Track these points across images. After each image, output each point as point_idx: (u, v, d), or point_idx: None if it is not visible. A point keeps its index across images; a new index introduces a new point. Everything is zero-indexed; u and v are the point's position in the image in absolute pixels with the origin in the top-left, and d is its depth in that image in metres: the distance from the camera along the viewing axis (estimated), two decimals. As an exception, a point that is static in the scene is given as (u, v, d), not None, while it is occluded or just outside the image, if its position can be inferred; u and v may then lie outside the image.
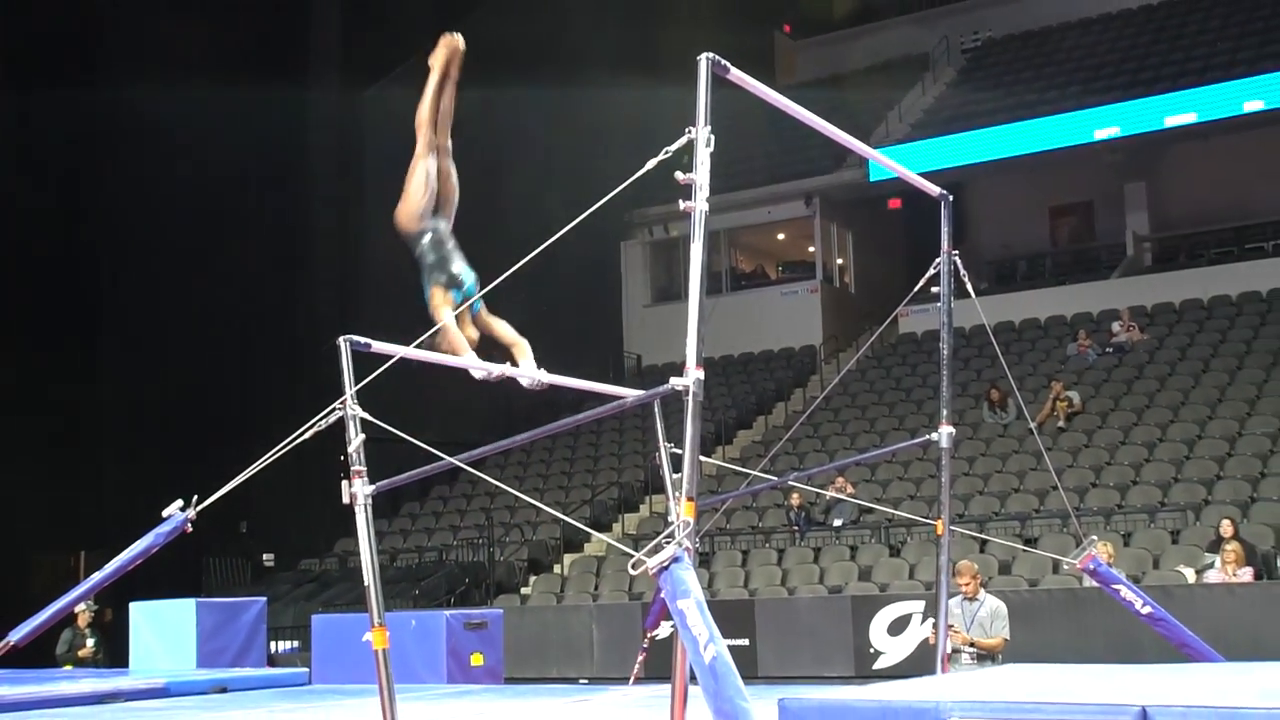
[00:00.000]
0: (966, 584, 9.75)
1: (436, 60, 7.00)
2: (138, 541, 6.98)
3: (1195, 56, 25.65)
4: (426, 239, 6.90)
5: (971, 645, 9.41)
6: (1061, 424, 19.36)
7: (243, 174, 22.76)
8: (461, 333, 6.66)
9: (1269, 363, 19.82)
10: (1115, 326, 22.29)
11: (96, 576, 7.13)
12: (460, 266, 6.86)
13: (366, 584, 6.11)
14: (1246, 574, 13.41)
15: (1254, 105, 23.02)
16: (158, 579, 11.01)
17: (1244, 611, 12.53)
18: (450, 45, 6.68)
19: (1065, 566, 8.45)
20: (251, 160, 22.70)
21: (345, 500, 6.19)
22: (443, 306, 6.66)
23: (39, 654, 12.95)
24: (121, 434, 21.80)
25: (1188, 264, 24.73)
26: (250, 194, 23.11)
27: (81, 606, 13.13)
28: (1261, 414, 18.11)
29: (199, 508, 6.89)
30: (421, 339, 6.58)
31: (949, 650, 9.26)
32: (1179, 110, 23.57)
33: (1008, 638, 9.45)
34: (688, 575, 4.39)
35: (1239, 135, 24.16)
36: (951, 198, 7.54)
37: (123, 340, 21.95)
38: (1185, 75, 24.55)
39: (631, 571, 4.50)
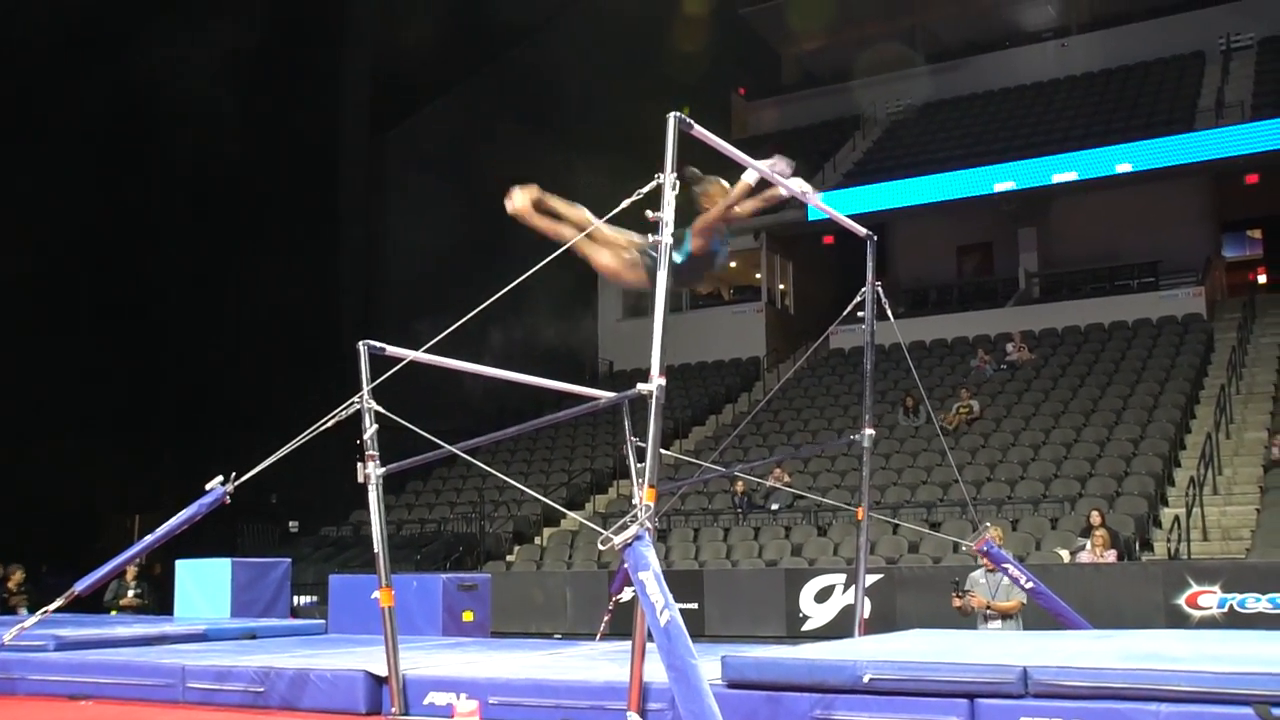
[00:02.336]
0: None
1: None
2: (184, 510, 6.94)
3: (1077, 125, 25.83)
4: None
5: (989, 608, 9.19)
6: (961, 428, 19.42)
7: (284, 192, 22.63)
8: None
9: (1133, 380, 19.93)
10: (1009, 347, 22.39)
11: (149, 538, 7.09)
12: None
13: (376, 551, 6.09)
14: (1111, 555, 13.48)
15: (1124, 167, 23.20)
16: (201, 540, 10.95)
17: (1108, 587, 12.60)
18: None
19: (963, 547, 8.46)
20: (290, 181, 22.59)
21: (360, 479, 6.18)
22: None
23: (96, 602, 12.86)
24: (176, 416, 21.72)
25: (1069, 296, 24.84)
26: (290, 211, 22.97)
27: (132, 562, 13.01)
28: (1126, 423, 18.21)
29: (237, 483, 6.86)
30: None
31: (971, 611, 9.26)
32: (1063, 169, 23.72)
33: (1024, 601, 9.08)
34: (647, 551, 4.38)
35: (1111, 191, 24.38)
36: (876, 237, 7.56)
37: (181, 339, 21.85)
38: (1069, 140, 24.73)
39: (600, 546, 4.48)
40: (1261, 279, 26.79)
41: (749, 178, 5.74)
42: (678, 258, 5.73)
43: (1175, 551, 14.38)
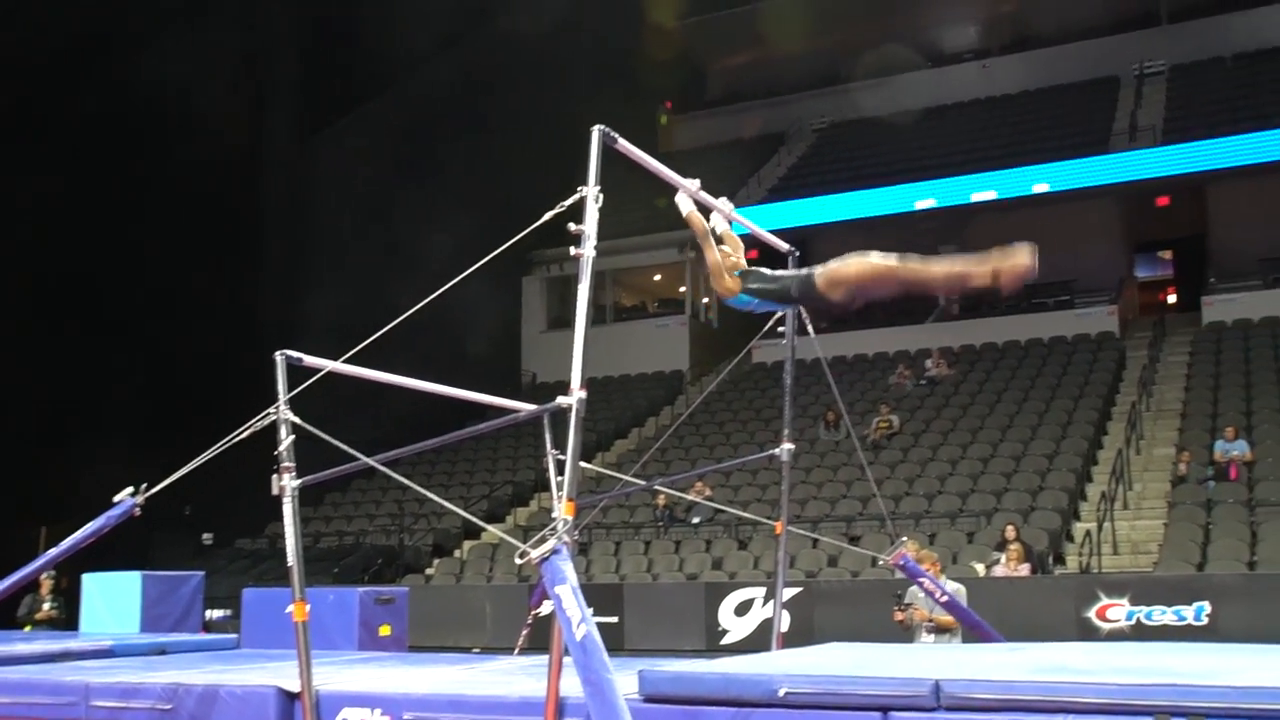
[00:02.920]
0: (927, 570, 9.55)
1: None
2: (91, 522, 6.77)
3: (996, 145, 26.33)
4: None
5: (930, 621, 9.21)
6: (881, 442, 19.66)
7: (205, 199, 22.19)
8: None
9: (1049, 397, 20.34)
10: (928, 363, 22.73)
11: (53, 551, 6.91)
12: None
13: (290, 564, 5.99)
14: (1025, 569, 13.73)
15: (1041, 187, 23.72)
16: (112, 552, 10.67)
17: (1022, 599, 12.84)
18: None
19: (881, 561, 8.54)
20: (211, 186, 22.17)
21: (275, 492, 6.08)
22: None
23: (7, 617, 12.49)
24: (86, 423, 21.14)
25: (987, 314, 25.25)
26: (210, 218, 22.52)
27: (46, 574, 12.68)
28: (1041, 438, 18.58)
29: (147, 494, 6.72)
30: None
31: (911, 625, 9.25)
32: (983, 188, 24.18)
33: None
34: (565, 565, 4.37)
35: (1029, 211, 24.79)
36: (798, 252, 7.63)
37: (90, 340, 21.30)
38: (988, 160, 25.17)
39: (518, 560, 4.46)
40: (1171, 299, 27.54)
41: (684, 205, 5.81)
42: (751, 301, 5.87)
43: (1086, 565, 14.69)
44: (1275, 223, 23.58)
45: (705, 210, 6.09)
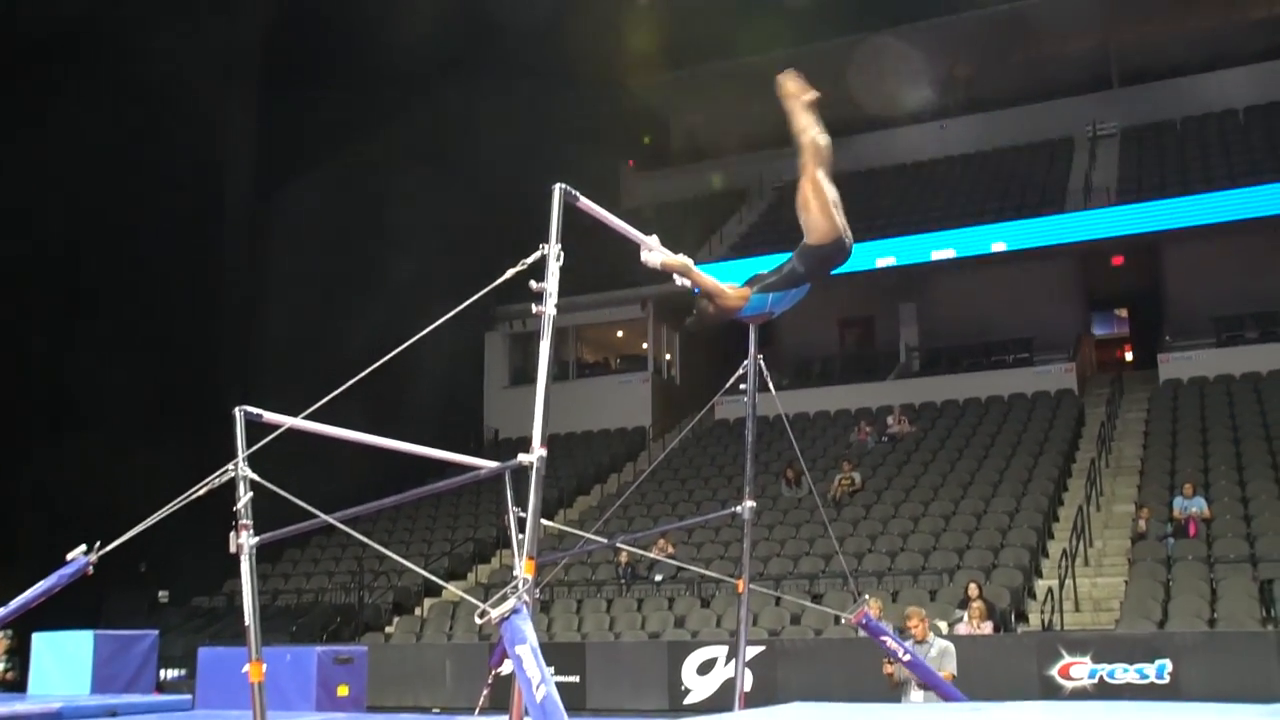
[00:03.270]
0: (915, 627, 9.41)
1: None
2: (42, 580, 6.64)
3: (955, 204, 26.67)
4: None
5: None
6: (843, 499, 19.68)
7: (162, 255, 22.05)
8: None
9: (1009, 453, 20.47)
10: (890, 420, 22.83)
11: (2, 611, 6.75)
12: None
13: (247, 624, 5.91)
14: (988, 627, 13.73)
15: (999, 246, 24.02)
16: (63, 610, 10.46)
17: (985, 658, 12.81)
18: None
19: (844, 620, 8.50)
20: (169, 243, 22.04)
21: (232, 550, 6.01)
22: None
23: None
24: (38, 479, 20.80)
25: (947, 370, 25.49)
26: (168, 273, 22.38)
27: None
28: (1002, 495, 18.66)
29: (100, 552, 6.60)
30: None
31: (900, 681, 9.13)
32: (942, 246, 24.45)
33: (954, 673, 9.07)
34: (525, 625, 4.33)
35: (987, 269, 25.18)
36: (759, 310, 7.65)
37: (46, 397, 21.05)
38: (947, 219, 25.47)
39: (478, 620, 4.41)
40: (1129, 356, 27.89)
41: (653, 259, 5.80)
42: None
43: (1049, 623, 14.71)
44: (1227, 282, 24.02)
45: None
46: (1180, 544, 15.76)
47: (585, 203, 5.27)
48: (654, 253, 5.71)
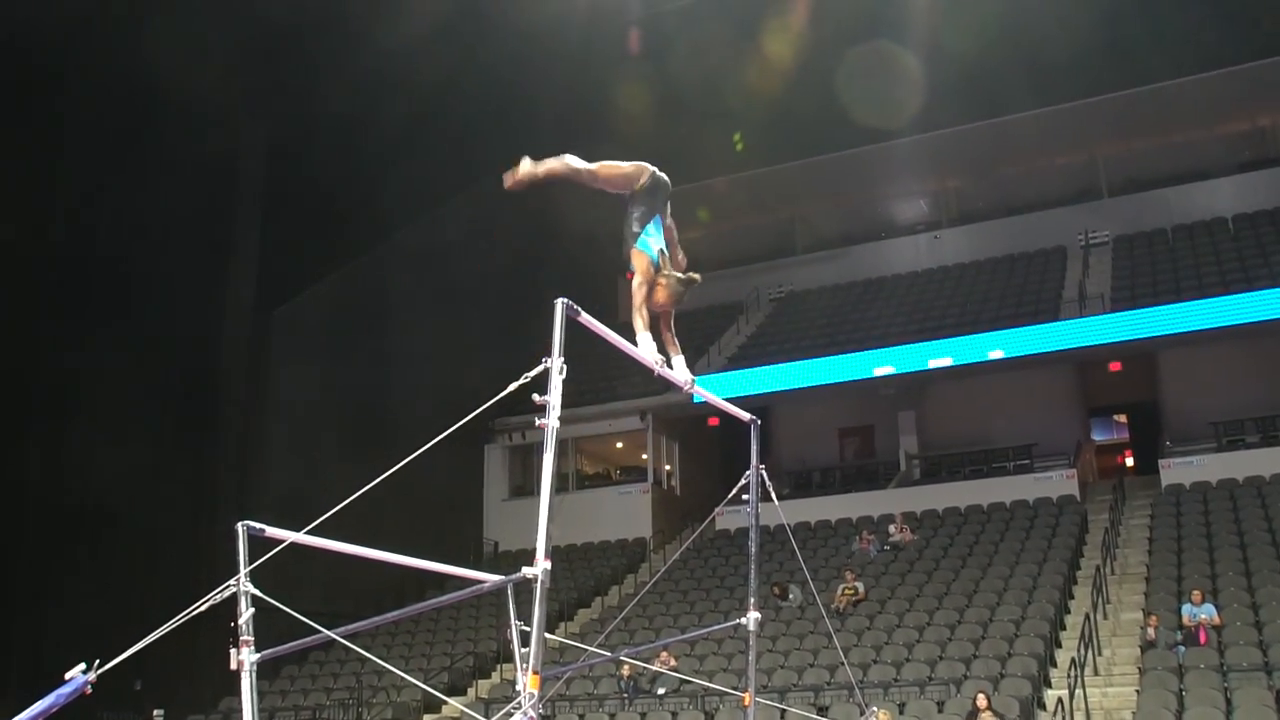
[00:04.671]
0: None
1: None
2: (40, 701, 6.51)
3: (950, 313, 26.88)
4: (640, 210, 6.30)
5: None
6: (847, 609, 19.45)
7: (163, 368, 22.14)
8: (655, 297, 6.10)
9: (1013, 561, 20.29)
10: (891, 528, 22.69)
11: (-3, 732, 6.62)
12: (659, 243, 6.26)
13: (246, 744, 5.80)
14: (998, 739, 13.47)
15: (996, 354, 24.13)
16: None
17: (996, 772, 12.53)
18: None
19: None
20: (168, 356, 22.15)
21: (233, 667, 5.92)
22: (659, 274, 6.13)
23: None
24: (32, 593, 20.58)
25: (948, 478, 25.44)
26: (169, 386, 22.44)
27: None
28: (1007, 604, 18.45)
29: (100, 670, 6.49)
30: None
31: None
32: (939, 355, 24.56)
33: None
34: (531, 740, 4.26)
35: (985, 377, 25.26)
36: (760, 421, 7.68)
37: (43, 511, 20.95)
38: (944, 328, 25.64)
39: (482, 736, 4.35)
40: (1129, 461, 27.83)
41: (646, 355, 5.89)
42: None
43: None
44: (1225, 387, 24.12)
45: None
46: (1191, 652, 15.54)
47: (586, 318, 5.34)
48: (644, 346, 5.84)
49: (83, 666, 6.35)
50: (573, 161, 6.31)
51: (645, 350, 5.88)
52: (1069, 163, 30.87)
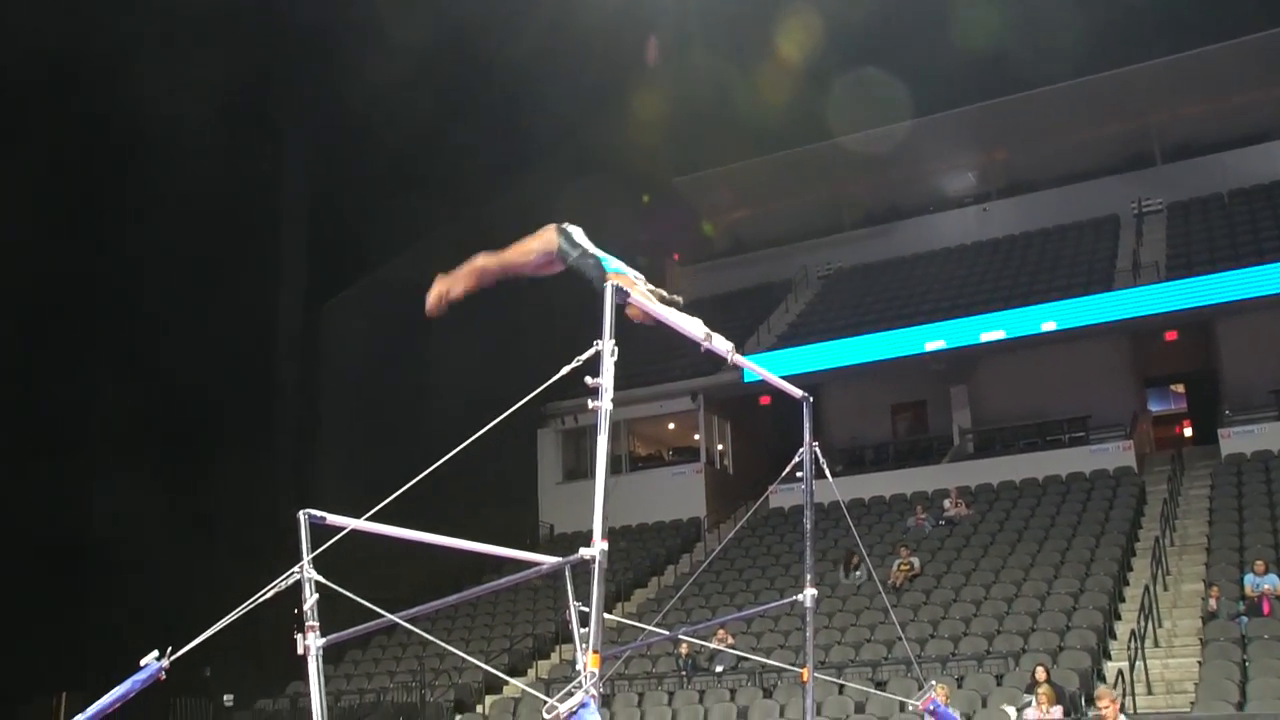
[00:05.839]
0: (1105, 708, 9.11)
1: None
2: (116, 687, 6.68)
3: (1002, 286, 26.65)
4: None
5: None
6: (904, 585, 19.40)
7: (223, 362, 22.49)
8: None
9: (1070, 534, 20.13)
10: (946, 503, 22.57)
11: (79, 718, 6.79)
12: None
13: (315, 725, 5.92)
14: (1057, 711, 13.41)
15: (1049, 326, 23.87)
16: (130, 718, 10.50)
17: (1057, 745, 12.48)
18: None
19: (910, 706, 8.32)
20: (227, 349, 22.50)
21: (300, 651, 6.04)
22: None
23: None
24: (103, 587, 21.04)
25: (1002, 452, 25.24)
26: (229, 377, 22.80)
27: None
28: (1065, 576, 18.32)
29: (173, 657, 6.64)
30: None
31: None
32: (991, 328, 24.36)
33: None
34: (593, 718, 4.32)
35: (1038, 349, 25.01)
36: (812, 398, 7.68)
37: (107, 506, 21.38)
38: (995, 301, 25.43)
39: (545, 715, 4.40)
40: (1187, 432, 27.44)
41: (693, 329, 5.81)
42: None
43: (1121, 706, 14.31)
44: (1284, 354, 23.68)
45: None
46: (1254, 622, 15.35)
47: (636, 299, 5.36)
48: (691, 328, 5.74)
49: (156, 654, 6.52)
50: (482, 260, 6.22)
51: (690, 324, 5.88)
52: (1120, 130, 30.35)
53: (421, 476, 6.07)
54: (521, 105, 24.99)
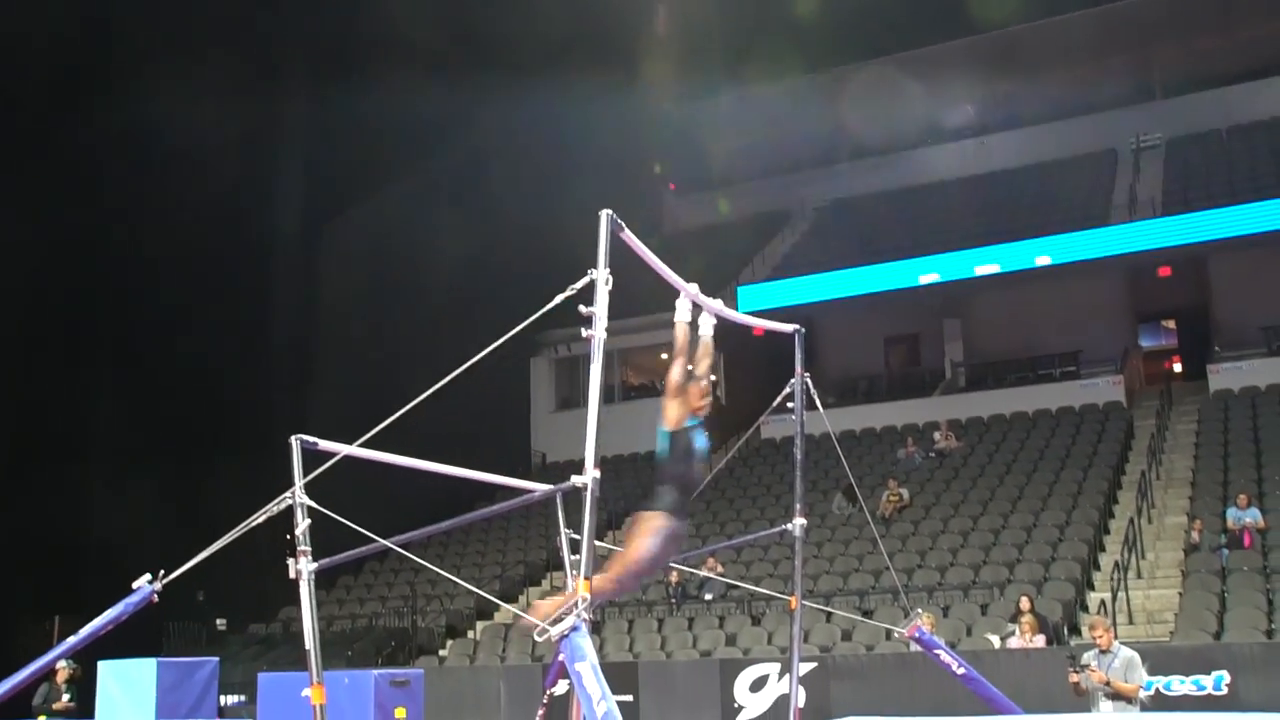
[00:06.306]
0: (1100, 636, 9.21)
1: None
2: (109, 610, 6.76)
3: (998, 220, 26.51)
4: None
5: (1108, 685, 8.89)
6: (892, 516, 19.58)
7: (216, 284, 22.42)
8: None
9: (1058, 467, 20.27)
10: (936, 436, 22.70)
11: (72, 639, 6.88)
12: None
13: (307, 647, 6.01)
14: (1040, 641, 13.60)
15: (1043, 260, 23.84)
16: (125, 640, 10.64)
17: (1038, 671, 12.66)
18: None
19: (896, 634, 8.44)
20: (223, 272, 22.41)
21: (292, 575, 6.11)
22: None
23: (17, 707, 12.37)
24: (95, 512, 21.16)
25: (993, 386, 25.33)
26: (222, 303, 22.74)
27: (62, 664, 12.58)
28: (1051, 509, 18.48)
29: (164, 581, 6.71)
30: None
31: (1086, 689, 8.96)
32: (985, 262, 24.32)
33: (1143, 684, 8.99)
34: (584, 642, 4.39)
35: (1032, 284, 24.99)
36: (804, 331, 7.70)
37: (102, 433, 21.43)
38: (990, 235, 25.28)
39: (537, 638, 4.48)
40: (1177, 368, 27.55)
41: (682, 312, 5.94)
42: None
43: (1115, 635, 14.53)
44: (1275, 291, 23.68)
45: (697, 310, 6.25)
46: (1235, 555, 15.54)
47: (628, 236, 5.36)
48: (684, 309, 5.89)
49: (148, 577, 6.59)
50: (600, 581, 6.08)
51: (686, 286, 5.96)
52: (1122, 63, 30.07)
53: (415, 403, 6.09)
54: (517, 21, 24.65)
